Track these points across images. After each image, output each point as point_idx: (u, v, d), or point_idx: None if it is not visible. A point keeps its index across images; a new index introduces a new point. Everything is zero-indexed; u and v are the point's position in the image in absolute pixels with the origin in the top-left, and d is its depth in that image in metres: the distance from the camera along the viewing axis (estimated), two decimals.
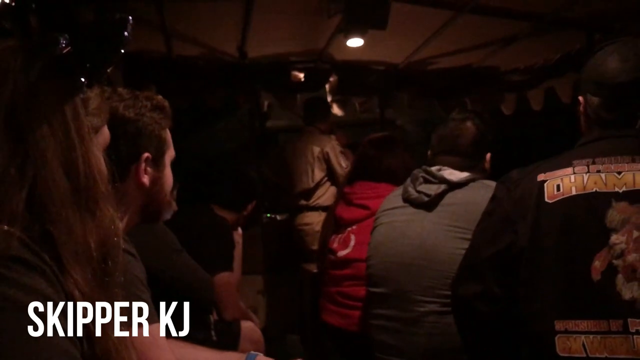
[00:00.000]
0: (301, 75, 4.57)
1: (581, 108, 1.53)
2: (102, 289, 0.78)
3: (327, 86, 4.66)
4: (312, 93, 4.61)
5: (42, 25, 0.84)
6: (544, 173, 1.46)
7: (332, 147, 4.29)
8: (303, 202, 4.29)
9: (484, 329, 1.58)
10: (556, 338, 1.35)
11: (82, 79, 0.78)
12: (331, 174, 4.29)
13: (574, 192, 1.40)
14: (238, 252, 2.75)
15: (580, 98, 1.53)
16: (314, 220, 4.19)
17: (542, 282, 1.40)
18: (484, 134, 2.07)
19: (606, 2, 3.28)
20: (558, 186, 1.42)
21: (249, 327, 2.61)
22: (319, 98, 4.60)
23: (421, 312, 1.91)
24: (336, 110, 4.81)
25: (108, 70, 0.82)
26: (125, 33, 0.80)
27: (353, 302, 2.40)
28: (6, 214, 0.70)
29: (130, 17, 0.80)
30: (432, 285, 1.90)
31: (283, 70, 4.51)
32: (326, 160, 4.27)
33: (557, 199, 1.41)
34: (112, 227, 0.81)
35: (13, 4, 0.84)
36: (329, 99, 4.71)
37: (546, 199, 1.42)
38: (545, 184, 1.44)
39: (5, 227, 0.69)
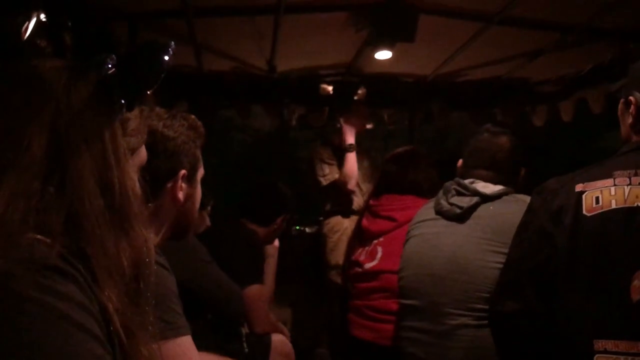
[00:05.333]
0: (330, 88, 4.59)
1: (632, 109, 1.45)
2: (133, 307, 0.79)
3: (355, 98, 4.67)
4: (340, 106, 4.61)
5: (78, 44, 0.86)
6: (583, 183, 1.41)
7: (314, 153, 4.15)
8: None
9: (524, 346, 1.53)
10: (595, 358, 1.31)
11: (122, 102, 0.81)
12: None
13: (613, 206, 1.34)
14: (272, 265, 2.75)
15: (632, 98, 1.45)
16: (323, 224, 4.18)
17: (580, 299, 1.36)
18: (520, 150, 2.04)
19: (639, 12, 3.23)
20: (597, 198, 1.36)
21: (280, 340, 2.61)
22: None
23: (453, 325, 1.89)
24: None
25: (148, 93, 0.84)
26: (166, 57, 0.82)
27: (382, 315, 2.38)
28: (46, 232, 0.72)
29: (172, 43, 0.82)
30: (464, 299, 1.88)
31: (312, 84, 4.54)
32: (311, 166, 4.16)
33: (596, 212, 1.36)
34: (145, 247, 0.83)
35: (47, 22, 0.87)
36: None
37: (584, 212, 1.37)
38: (583, 195, 1.38)
39: (48, 240, 0.71)
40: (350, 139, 4.07)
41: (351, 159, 4.01)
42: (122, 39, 3.21)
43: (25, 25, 0.78)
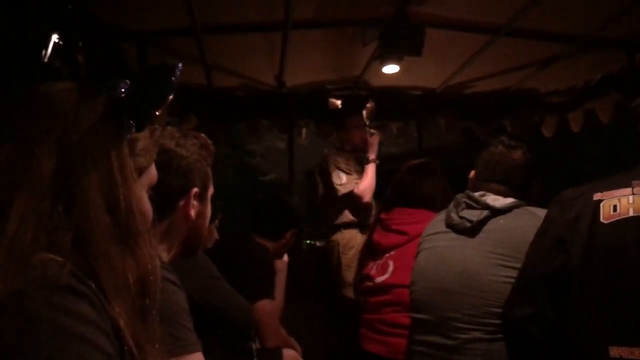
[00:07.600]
0: (338, 102, 4.60)
1: None
2: (141, 323, 0.80)
3: (364, 112, 4.68)
4: (349, 119, 4.60)
5: (91, 66, 0.87)
6: (601, 192, 1.43)
7: (328, 161, 4.03)
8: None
9: (536, 353, 1.53)
10: None
11: (131, 122, 0.82)
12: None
13: (631, 214, 1.35)
14: (281, 279, 2.75)
15: None
16: (335, 238, 4.05)
17: (595, 305, 1.36)
18: (534, 165, 2.02)
19: None
20: (615, 206, 1.38)
21: (291, 355, 2.60)
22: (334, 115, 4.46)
23: (464, 339, 1.88)
24: None
25: (156, 114, 0.85)
26: (174, 79, 0.83)
27: (394, 329, 2.37)
28: (56, 250, 0.73)
29: (180, 64, 0.84)
30: (475, 313, 1.86)
31: (320, 98, 4.56)
32: (324, 174, 4.06)
33: (613, 219, 1.37)
34: (150, 265, 0.84)
35: (62, 44, 0.88)
36: (367, 124, 4.69)
37: (601, 219, 1.38)
38: (601, 204, 1.40)
39: (59, 258, 0.72)
40: (372, 152, 4.02)
41: (370, 172, 3.96)
42: (132, 57, 3.25)
43: (45, 47, 0.79)
